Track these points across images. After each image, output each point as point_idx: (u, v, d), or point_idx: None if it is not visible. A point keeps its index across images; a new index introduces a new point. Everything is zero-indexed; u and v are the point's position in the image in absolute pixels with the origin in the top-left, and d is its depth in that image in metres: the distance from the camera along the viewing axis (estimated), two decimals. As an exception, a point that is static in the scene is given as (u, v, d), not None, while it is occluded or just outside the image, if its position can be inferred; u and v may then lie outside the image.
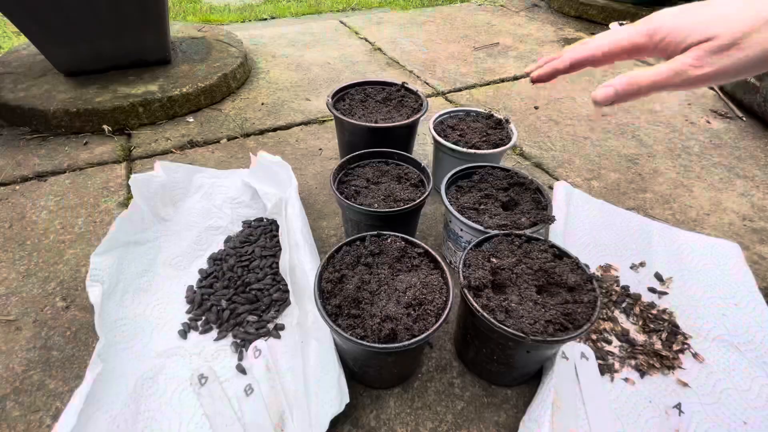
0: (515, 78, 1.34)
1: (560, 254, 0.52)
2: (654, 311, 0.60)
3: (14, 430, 0.48)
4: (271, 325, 0.57)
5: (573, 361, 0.52)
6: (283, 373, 0.52)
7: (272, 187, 0.74)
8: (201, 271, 0.65)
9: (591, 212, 0.76)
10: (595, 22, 1.87)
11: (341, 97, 0.83)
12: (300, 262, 0.60)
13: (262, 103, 1.15)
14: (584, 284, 0.49)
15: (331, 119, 1.09)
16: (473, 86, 1.28)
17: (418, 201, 0.60)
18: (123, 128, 1.01)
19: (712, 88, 1.28)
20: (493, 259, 0.52)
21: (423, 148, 0.99)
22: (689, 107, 1.19)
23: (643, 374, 0.53)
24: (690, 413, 0.49)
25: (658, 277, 0.66)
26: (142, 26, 1.05)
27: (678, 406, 0.50)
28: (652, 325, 0.59)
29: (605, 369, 0.53)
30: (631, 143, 1.03)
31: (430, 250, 0.51)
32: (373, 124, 0.73)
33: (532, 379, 0.53)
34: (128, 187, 0.83)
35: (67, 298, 0.62)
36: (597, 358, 0.55)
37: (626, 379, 0.53)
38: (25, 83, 1.06)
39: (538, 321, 0.44)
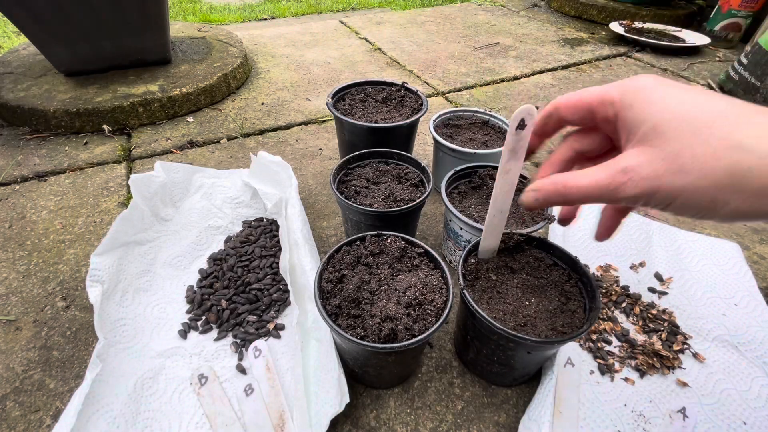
0: (515, 78, 1.34)
1: (559, 254, 0.52)
2: (654, 311, 0.60)
3: (14, 430, 0.48)
4: (271, 325, 0.57)
5: (578, 367, 0.52)
6: (283, 373, 0.52)
7: (272, 187, 0.74)
8: (201, 271, 0.65)
9: (591, 212, 0.76)
10: (595, 21, 1.87)
11: (341, 97, 0.83)
12: (300, 262, 0.60)
13: (262, 103, 1.15)
14: (583, 285, 0.49)
15: (331, 119, 1.09)
16: (473, 86, 1.28)
17: (418, 201, 0.60)
18: (123, 128, 1.01)
19: (711, 88, 1.28)
20: (494, 259, 0.52)
21: (423, 148, 0.99)
22: (689, 107, 1.19)
23: (643, 374, 0.53)
24: (690, 413, 0.49)
25: (658, 277, 0.66)
26: (142, 26, 1.05)
27: (683, 411, 0.49)
28: (652, 325, 0.59)
29: (605, 369, 0.53)
30: (631, 143, 1.03)
31: (430, 250, 0.51)
32: (373, 124, 0.73)
33: (532, 379, 0.53)
34: (128, 187, 0.83)
35: (67, 298, 0.62)
36: (597, 358, 0.55)
37: (626, 379, 0.53)
38: (25, 83, 1.06)
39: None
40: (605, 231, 0.35)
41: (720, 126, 0.23)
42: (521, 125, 0.39)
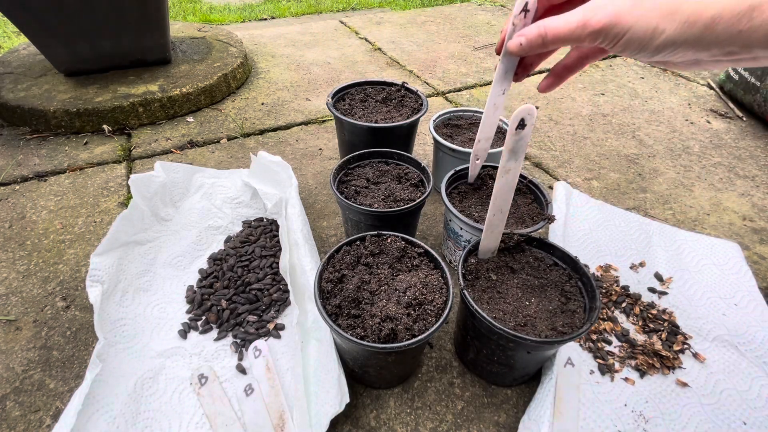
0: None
1: (560, 255, 0.52)
2: (654, 311, 0.60)
3: (14, 430, 0.48)
4: (271, 325, 0.57)
5: (578, 367, 0.52)
6: (283, 373, 0.52)
7: (272, 187, 0.74)
8: (201, 271, 0.65)
9: (591, 212, 0.76)
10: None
11: (341, 97, 0.83)
12: (300, 262, 0.60)
13: (262, 103, 1.15)
14: (583, 285, 0.49)
15: (331, 119, 1.09)
16: (473, 86, 1.28)
17: (418, 201, 0.60)
18: (123, 128, 1.01)
19: (712, 88, 1.28)
20: (494, 259, 0.52)
21: (423, 148, 0.99)
22: (689, 107, 1.19)
23: (643, 374, 0.53)
24: (690, 413, 0.49)
25: (658, 277, 0.66)
26: (142, 26, 1.05)
27: None
28: (652, 325, 0.59)
29: (605, 369, 0.53)
30: (631, 143, 1.03)
31: (430, 250, 0.51)
32: (373, 124, 0.73)
33: (532, 379, 0.53)
34: (128, 187, 0.83)
35: (67, 298, 0.62)
36: (597, 358, 0.55)
37: (626, 379, 0.53)
38: (25, 83, 1.06)
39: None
40: (563, 69, 0.41)
41: None
42: (521, 125, 0.39)
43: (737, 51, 0.28)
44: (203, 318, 0.59)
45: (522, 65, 0.43)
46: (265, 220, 0.73)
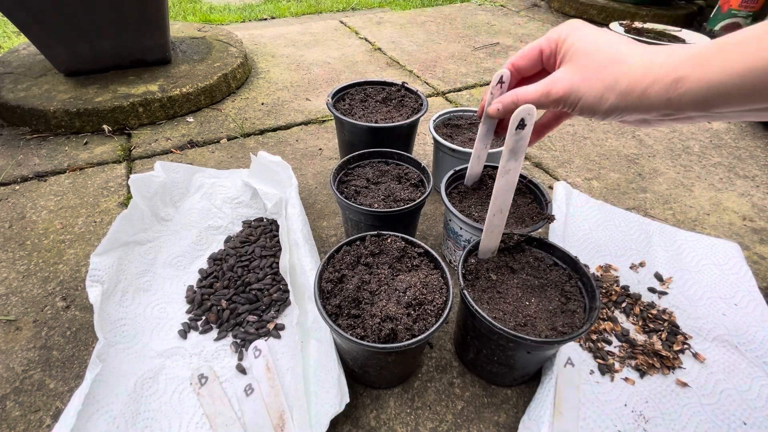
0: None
1: (560, 254, 0.52)
2: (654, 311, 0.60)
3: (14, 430, 0.48)
4: (271, 325, 0.57)
5: (578, 367, 0.52)
6: (283, 373, 0.52)
7: (272, 187, 0.74)
8: (201, 271, 0.65)
9: (591, 212, 0.76)
10: (596, 22, 1.87)
11: (341, 97, 0.83)
12: (300, 262, 0.60)
13: (262, 103, 1.15)
14: (583, 285, 0.49)
15: (331, 119, 1.09)
16: (473, 86, 1.28)
17: (418, 201, 0.60)
18: (123, 128, 1.01)
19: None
20: (494, 259, 0.52)
21: (423, 148, 0.99)
22: (689, 107, 1.19)
23: (643, 374, 0.53)
24: (690, 413, 0.49)
25: (658, 277, 0.66)
26: (142, 26, 1.05)
27: None
28: (652, 325, 0.59)
29: (605, 369, 0.53)
30: (631, 143, 1.03)
31: (430, 250, 0.51)
32: (373, 124, 0.73)
33: (532, 379, 0.53)
34: (128, 187, 0.83)
35: (67, 298, 0.62)
36: (597, 358, 0.55)
37: (626, 379, 0.53)
38: (25, 83, 1.06)
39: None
40: (540, 127, 0.48)
41: (614, 48, 0.35)
42: (521, 125, 0.40)
43: (673, 113, 0.32)
44: (203, 318, 0.59)
45: (501, 125, 0.51)
46: (265, 220, 0.73)
